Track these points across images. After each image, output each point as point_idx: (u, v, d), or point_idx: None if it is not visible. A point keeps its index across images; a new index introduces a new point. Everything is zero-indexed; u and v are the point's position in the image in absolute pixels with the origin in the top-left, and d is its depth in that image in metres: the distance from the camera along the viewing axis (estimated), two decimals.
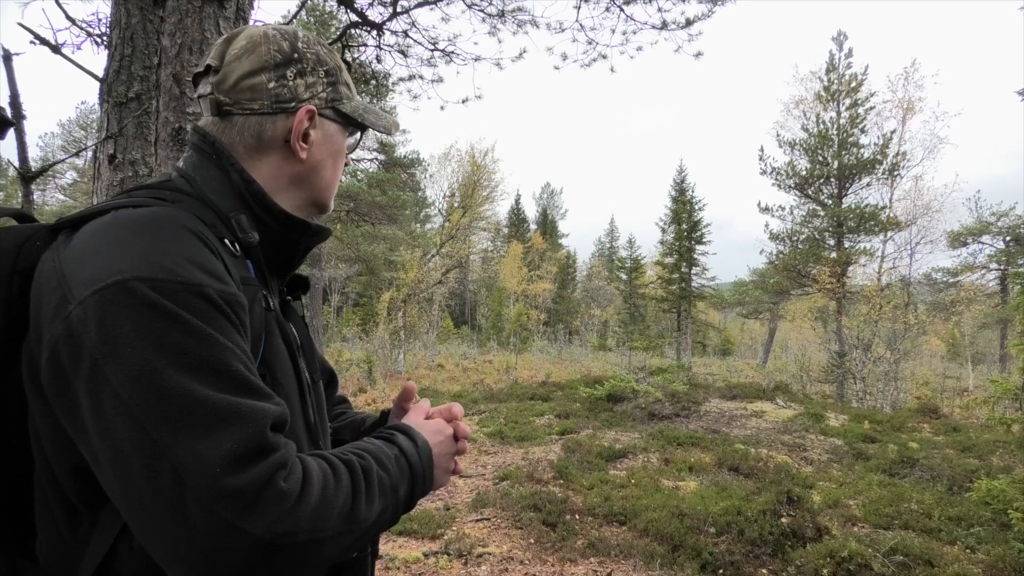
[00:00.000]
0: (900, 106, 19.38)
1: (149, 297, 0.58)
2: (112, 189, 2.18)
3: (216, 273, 0.65)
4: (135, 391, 0.56)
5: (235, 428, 0.58)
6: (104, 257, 0.61)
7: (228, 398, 0.59)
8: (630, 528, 4.63)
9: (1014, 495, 4.52)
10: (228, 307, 0.64)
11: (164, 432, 0.56)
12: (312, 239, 0.85)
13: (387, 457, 0.75)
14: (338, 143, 0.87)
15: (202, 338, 0.60)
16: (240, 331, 0.65)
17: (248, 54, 0.78)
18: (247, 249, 0.76)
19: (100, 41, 3.38)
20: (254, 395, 0.62)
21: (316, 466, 0.65)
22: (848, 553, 3.86)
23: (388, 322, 18.89)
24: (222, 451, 0.56)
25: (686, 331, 23.37)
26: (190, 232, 0.66)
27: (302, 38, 0.82)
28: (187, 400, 0.57)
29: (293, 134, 0.80)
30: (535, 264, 39.59)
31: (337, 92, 0.84)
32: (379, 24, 5.07)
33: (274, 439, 0.61)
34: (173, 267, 0.61)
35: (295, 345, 0.82)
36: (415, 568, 3.93)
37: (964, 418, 11.38)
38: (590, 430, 8.41)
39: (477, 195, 29.01)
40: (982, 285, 24.98)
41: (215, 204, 0.76)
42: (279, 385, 0.75)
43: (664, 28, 5.10)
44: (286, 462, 0.61)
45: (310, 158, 0.82)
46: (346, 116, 0.86)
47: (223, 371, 0.60)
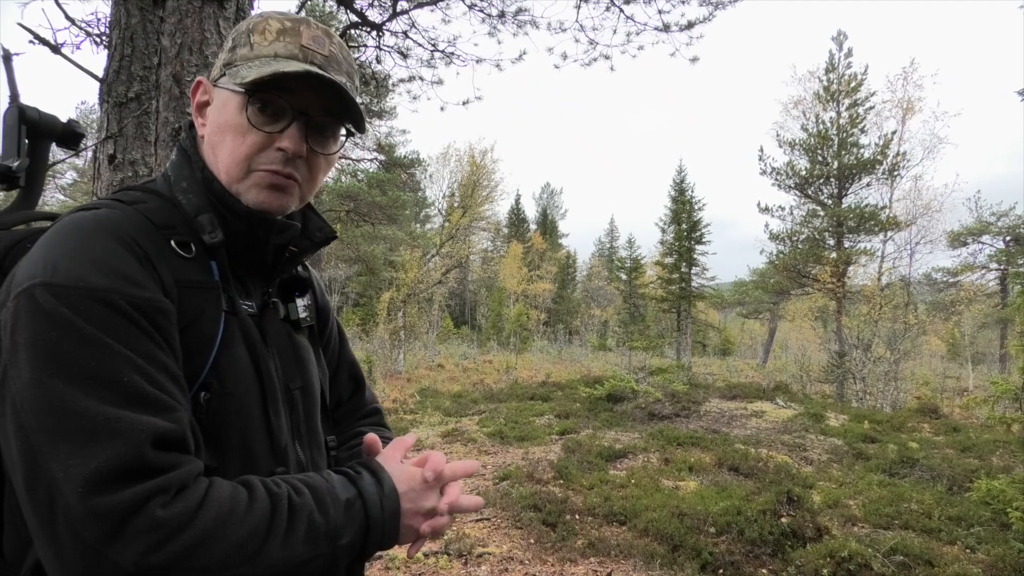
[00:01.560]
0: (900, 106, 19.39)
1: (47, 304, 0.58)
2: (112, 189, 2.18)
3: (130, 278, 0.63)
4: (24, 399, 0.56)
5: (107, 445, 0.55)
6: (32, 261, 0.62)
7: (108, 412, 0.56)
8: (630, 528, 4.63)
9: (1014, 495, 4.52)
10: (138, 313, 0.62)
11: (44, 444, 0.55)
12: (280, 236, 0.79)
13: (334, 499, 0.67)
14: (227, 113, 0.75)
15: (95, 347, 0.58)
16: (155, 338, 0.62)
17: None
18: (211, 249, 0.74)
19: (100, 41, 3.38)
20: (144, 408, 0.58)
21: (226, 494, 0.60)
22: (848, 553, 3.86)
23: (388, 322, 18.89)
24: (89, 468, 0.54)
25: (686, 331, 23.37)
26: (115, 236, 0.65)
27: (237, 28, 0.80)
28: (65, 412, 0.55)
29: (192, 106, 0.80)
30: (535, 264, 39.59)
31: (232, 56, 0.76)
32: (379, 25, 5.07)
33: (156, 459, 0.57)
34: (78, 272, 0.60)
35: (263, 350, 0.77)
36: (415, 568, 3.93)
37: (964, 418, 11.38)
38: (590, 430, 8.41)
39: (477, 195, 29.03)
40: (982, 285, 25.01)
41: (182, 204, 0.75)
42: (228, 395, 0.70)
43: (665, 30, 5.10)
44: (169, 487, 0.56)
45: (207, 131, 0.78)
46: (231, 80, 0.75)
47: (111, 382, 0.57)
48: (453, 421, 9.28)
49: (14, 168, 0.83)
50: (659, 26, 5.09)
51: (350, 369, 1.07)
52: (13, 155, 0.84)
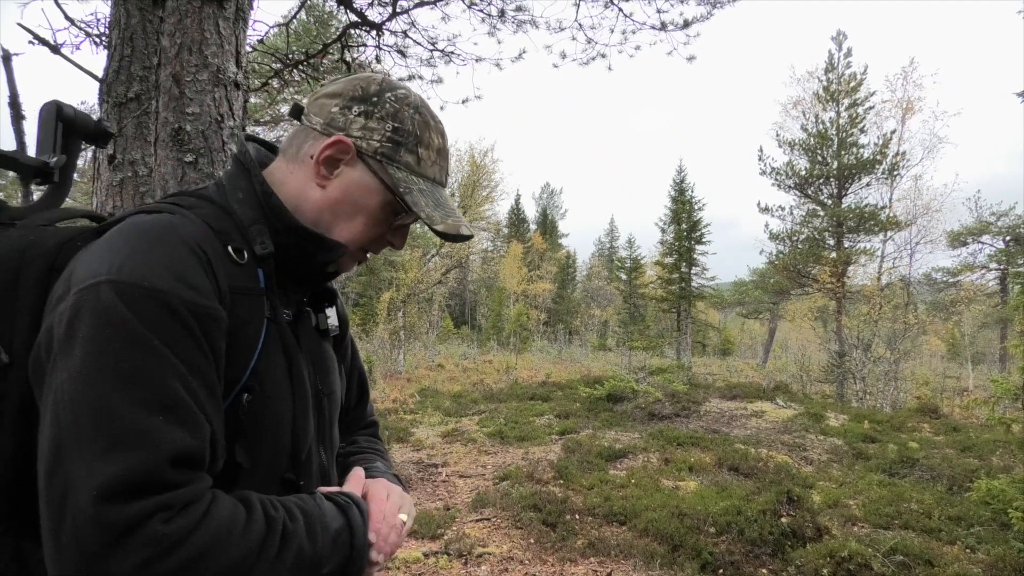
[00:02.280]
0: (899, 106, 19.40)
1: (108, 301, 0.60)
2: (111, 189, 2.18)
3: (191, 282, 0.65)
4: (65, 391, 0.58)
5: (131, 454, 0.56)
6: (97, 260, 0.64)
7: (139, 419, 0.58)
8: (630, 528, 4.63)
9: (1014, 495, 4.52)
10: (193, 319, 0.64)
11: (72, 438, 0.56)
12: (328, 254, 0.82)
13: (323, 528, 0.70)
14: (367, 199, 0.80)
15: (143, 349, 0.60)
16: (202, 346, 0.65)
17: (344, 81, 0.83)
18: (261, 259, 0.77)
19: (99, 41, 3.38)
20: (174, 419, 0.60)
21: (226, 513, 0.62)
22: (848, 553, 3.87)
23: (388, 322, 18.88)
24: (107, 475, 0.55)
25: (686, 331, 23.36)
26: (181, 241, 0.68)
27: (400, 97, 0.82)
28: (100, 412, 0.57)
29: (317, 153, 0.79)
30: (535, 264, 39.58)
31: (395, 152, 0.80)
32: (378, 24, 5.06)
33: (171, 476, 0.58)
34: (143, 271, 0.62)
35: (300, 357, 0.81)
36: (415, 568, 3.93)
37: (964, 418, 11.38)
38: (590, 430, 8.41)
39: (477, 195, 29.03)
40: (982, 285, 25.00)
41: (236, 213, 0.78)
42: (267, 399, 0.74)
43: (663, 29, 5.10)
44: (174, 504, 0.58)
45: (329, 190, 0.80)
46: (389, 178, 0.80)
47: (151, 386, 0.59)
48: (453, 421, 9.28)
49: (52, 164, 0.84)
50: (657, 25, 5.09)
51: (359, 380, 1.11)
52: (49, 151, 0.85)
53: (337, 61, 5.53)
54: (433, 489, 5.82)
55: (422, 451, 7.31)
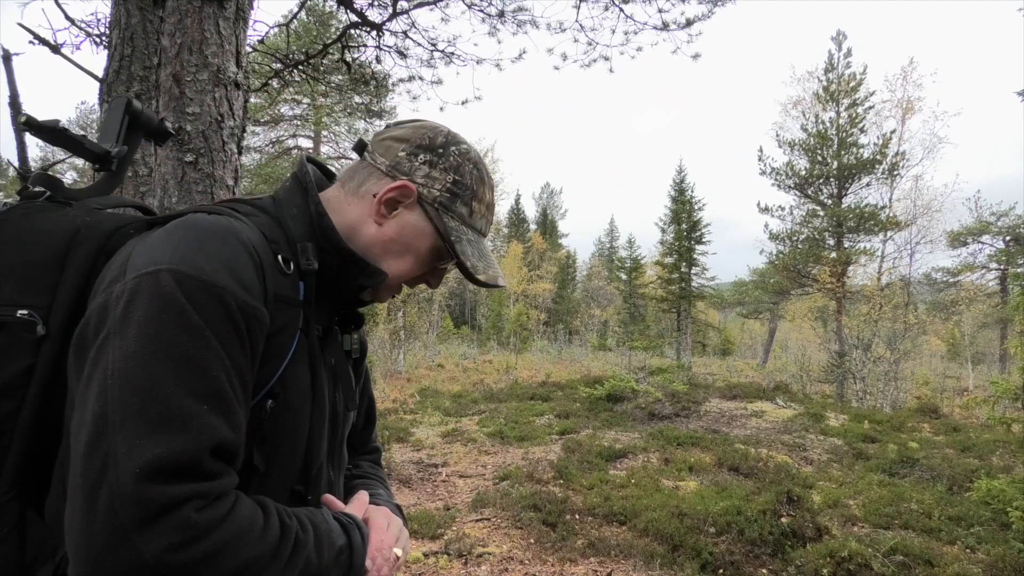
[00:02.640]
0: (899, 106, 19.40)
1: (167, 288, 0.62)
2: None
3: (245, 283, 0.68)
4: (118, 369, 0.59)
5: (176, 436, 0.58)
6: (156, 250, 0.67)
7: (188, 403, 0.59)
8: (630, 528, 4.63)
9: (1014, 495, 4.52)
10: (241, 317, 0.66)
11: (119, 415, 0.58)
12: (369, 279, 0.86)
13: (329, 544, 0.72)
14: (419, 241, 0.85)
15: (197, 338, 0.62)
16: (245, 346, 0.67)
17: (411, 128, 0.87)
18: (304, 274, 0.79)
19: (99, 41, 3.38)
20: (218, 409, 0.62)
21: (248, 513, 0.63)
22: (848, 553, 3.87)
23: (388, 322, 18.88)
24: (151, 455, 0.56)
25: (686, 331, 23.36)
26: (239, 242, 0.70)
27: (463, 152, 0.87)
28: (149, 392, 0.58)
29: (381, 192, 0.83)
30: (535, 264, 39.57)
31: (452, 203, 0.85)
32: (379, 24, 5.06)
33: (211, 465, 0.60)
34: (204, 266, 0.65)
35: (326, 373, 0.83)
36: (415, 568, 3.93)
37: (964, 418, 11.38)
38: (590, 430, 8.41)
39: None
40: (982, 285, 25.01)
41: (288, 227, 0.81)
42: (290, 408, 0.76)
43: (664, 29, 5.10)
44: (209, 494, 0.59)
45: (385, 228, 0.84)
46: (443, 225, 0.85)
47: (201, 374, 0.61)
48: (453, 421, 9.28)
49: (113, 153, 0.87)
50: (658, 25, 5.09)
51: (368, 405, 1.14)
52: (112, 141, 0.88)
53: (337, 61, 5.53)
54: (433, 489, 5.82)
55: (422, 451, 7.31)
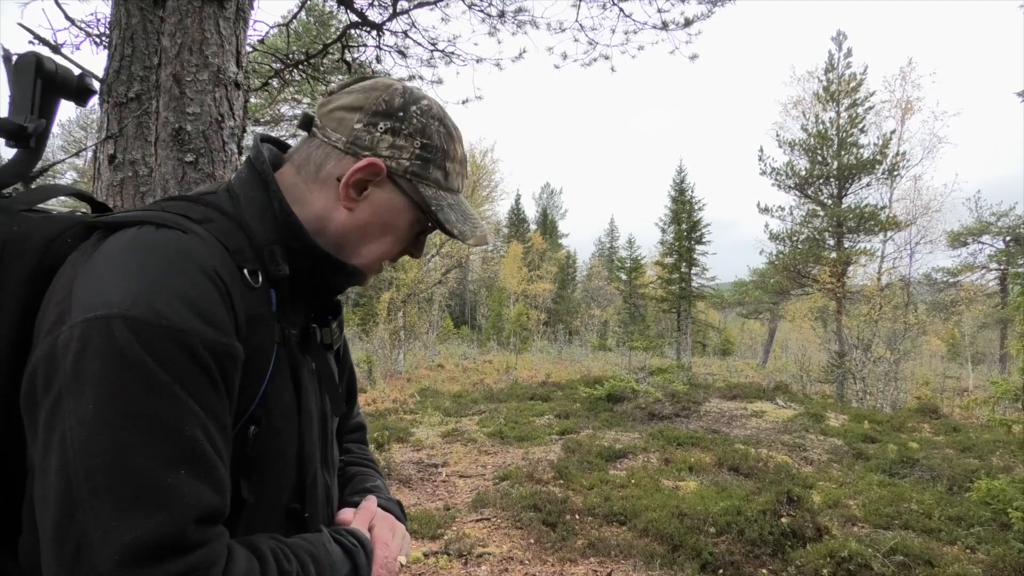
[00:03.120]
0: (899, 106, 19.41)
1: (123, 340, 0.55)
2: (112, 189, 2.18)
3: (211, 318, 0.61)
4: (78, 438, 0.53)
5: (155, 514, 0.53)
6: (106, 284, 0.59)
7: (163, 474, 0.54)
8: (630, 528, 4.63)
9: (1014, 495, 4.52)
10: (212, 359, 0.60)
11: (85, 494, 0.52)
12: (346, 280, 0.80)
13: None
14: (397, 219, 0.78)
15: (163, 396, 0.56)
16: (219, 388, 0.61)
17: (361, 92, 0.77)
18: (276, 281, 0.72)
19: (99, 41, 3.38)
20: (197, 472, 0.57)
21: (242, 570, 0.59)
22: (848, 553, 3.87)
23: (388, 322, 18.88)
24: (129, 537, 0.52)
25: (686, 331, 23.37)
26: (201, 269, 0.62)
27: (425, 109, 0.78)
28: (118, 467, 0.53)
29: (345, 176, 0.74)
30: (535, 264, 39.57)
31: (424, 170, 0.77)
32: (379, 24, 5.07)
33: (196, 535, 0.55)
34: (162, 308, 0.57)
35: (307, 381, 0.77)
36: (415, 568, 3.93)
37: (964, 418, 11.38)
38: (590, 430, 8.41)
39: (477, 195, 29.03)
40: (982, 285, 25.01)
41: (251, 230, 0.72)
42: (273, 430, 0.70)
43: (664, 28, 5.10)
44: (197, 567, 0.55)
45: (358, 213, 0.76)
46: (420, 198, 0.77)
47: (173, 437, 0.56)
48: (453, 421, 9.28)
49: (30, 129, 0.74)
50: (658, 24, 5.09)
51: (349, 379, 1.06)
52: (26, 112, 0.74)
53: (337, 61, 5.53)
54: (433, 489, 5.82)
55: (422, 451, 7.31)
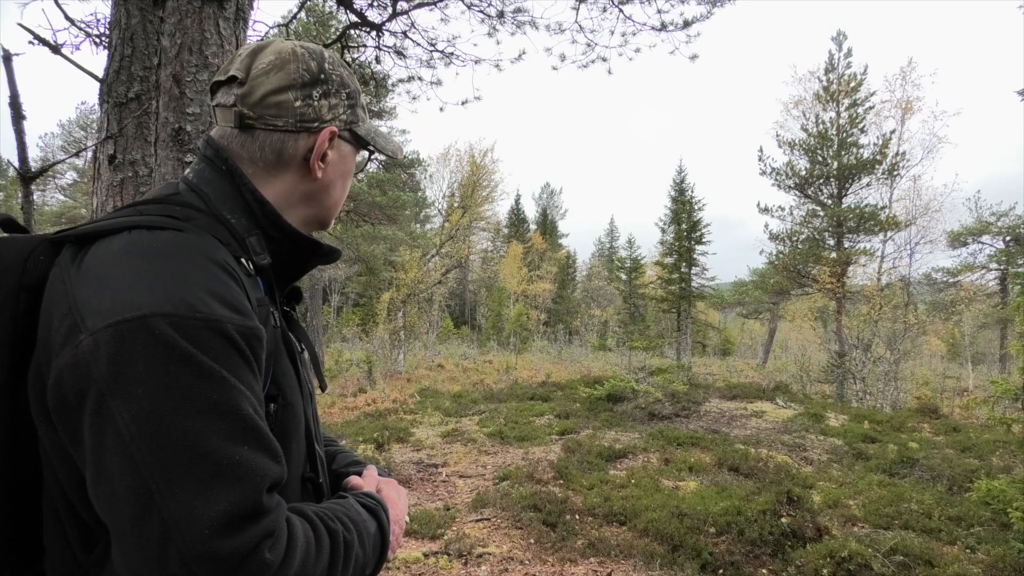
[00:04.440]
0: (899, 106, 19.42)
1: (166, 335, 0.57)
2: (112, 190, 2.18)
3: (237, 306, 0.64)
4: (138, 433, 0.55)
5: (232, 487, 0.56)
6: (123, 288, 0.60)
7: (232, 450, 0.57)
8: (630, 528, 4.63)
9: (1014, 495, 4.52)
10: (245, 343, 0.62)
11: (160, 481, 0.54)
12: (322, 259, 0.86)
13: (368, 535, 0.75)
14: (350, 164, 0.88)
15: (214, 381, 0.58)
16: (253, 369, 0.64)
17: (277, 70, 0.78)
18: (260, 269, 0.77)
19: (99, 41, 3.38)
20: (259, 445, 0.60)
21: (302, 533, 0.64)
22: (848, 553, 3.87)
23: (388, 322, 18.89)
24: (215, 511, 0.55)
25: (686, 331, 23.37)
26: (213, 262, 0.65)
27: (328, 58, 0.83)
28: (189, 451, 0.55)
29: (314, 154, 0.80)
30: (535, 264, 39.59)
31: (355, 115, 0.86)
32: (378, 25, 5.07)
33: (268, 502, 0.59)
34: (193, 302, 0.59)
35: (299, 359, 0.83)
36: (415, 568, 3.94)
37: (964, 418, 11.38)
38: (590, 430, 8.41)
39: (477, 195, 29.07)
40: (982, 285, 24.99)
41: (229, 222, 0.75)
42: (289, 405, 0.76)
43: (663, 29, 5.10)
44: (274, 529, 0.59)
45: (324, 177, 0.84)
46: (360, 138, 0.87)
47: (232, 416, 0.58)
48: (453, 421, 9.28)
49: None
50: (657, 25, 5.09)
51: None
52: None
53: None
54: (433, 489, 5.82)
55: (422, 451, 7.31)
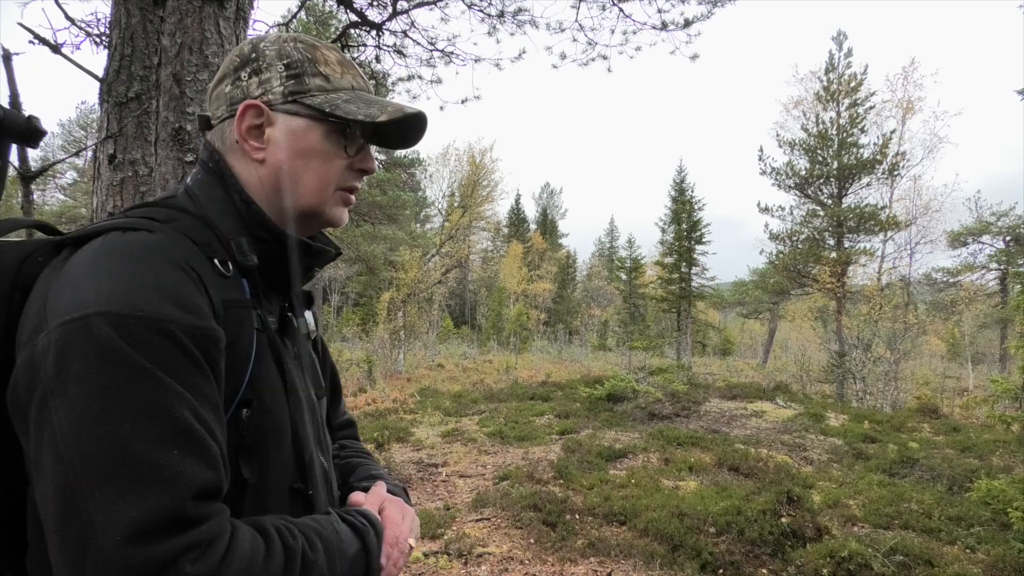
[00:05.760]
0: (899, 106, 19.43)
1: (102, 335, 0.57)
2: (112, 189, 2.18)
3: (190, 306, 0.63)
4: (69, 432, 0.55)
5: (153, 494, 0.54)
6: (79, 288, 0.60)
7: (157, 455, 0.55)
8: (630, 528, 4.63)
9: (1014, 495, 4.52)
10: (193, 344, 0.61)
11: (84, 483, 0.54)
12: (313, 260, 0.82)
13: (342, 555, 0.69)
14: (311, 140, 0.78)
15: (148, 382, 0.57)
16: (204, 370, 0.62)
17: (220, 69, 0.80)
18: (246, 271, 0.75)
19: (99, 41, 3.38)
20: (190, 452, 0.58)
21: (248, 548, 0.60)
22: (848, 553, 3.87)
23: (388, 322, 18.89)
24: (129, 518, 0.53)
25: (686, 331, 23.38)
26: (171, 261, 0.65)
27: (270, 38, 0.80)
28: (113, 453, 0.54)
29: (239, 132, 0.77)
30: (535, 264, 39.60)
31: (301, 84, 0.78)
32: (378, 24, 5.07)
33: (196, 511, 0.56)
34: (139, 301, 0.59)
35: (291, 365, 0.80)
36: (415, 568, 3.94)
37: (964, 418, 11.38)
38: (590, 430, 8.41)
39: (477, 195, 29.07)
40: (982, 285, 25.02)
41: (216, 225, 0.75)
42: (268, 412, 0.72)
43: (663, 29, 5.10)
44: (201, 542, 0.56)
45: (270, 159, 0.78)
46: (310, 108, 0.77)
47: (163, 419, 0.57)
48: (453, 421, 9.28)
49: None
50: (657, 25, 5.09)
51: (332, 376, 1.08)
52: None
53: None
54: (433, 489, 5.82)
55: (422, 451, 7.31)
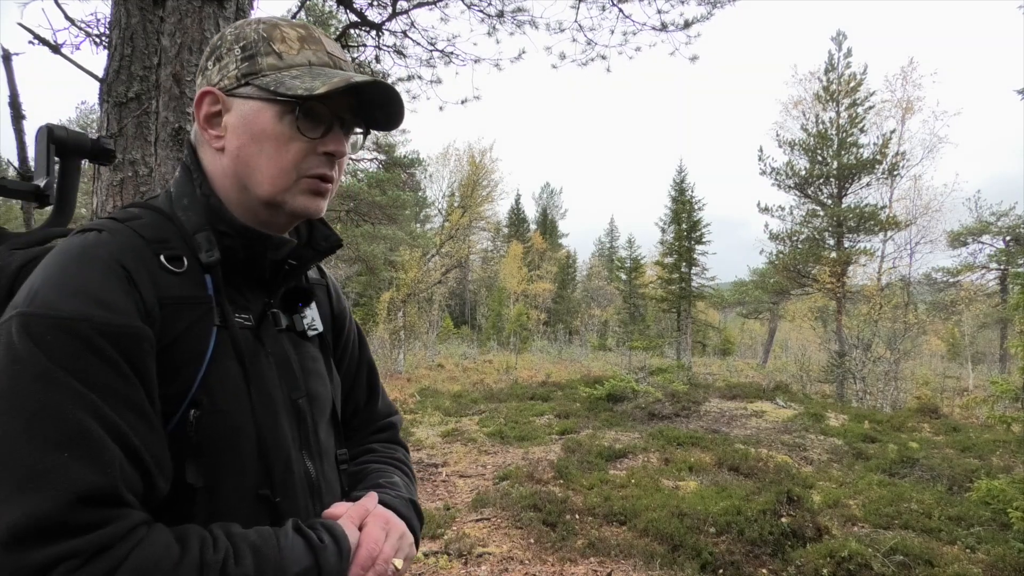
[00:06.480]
0: (899, 106, 19.41)
1: (16, 335, 0.59)
2: (112, 189, 2.18)
3: (108, 304, 0.62)
4: None
5: (32, 498, 0.53)
6: (23, 289, 0.64)
7: (45, 457, 0.54)
8: (630, 528, 4.63)
9: (1014, 495, 4.52)
10: (109, 343, 0.61)
11: None
12: (276, 252, 0.79)
13: (278, 572, 0.63)
14: (262, 123, 0.74)
15: (48, 383, 0.57)
16: (122, 369, 0.61)
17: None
18: (207, 267, 0.74)
19: (99, 41, 3.38)
20: (81, 454, 0.56)
21: (149, 559, 0.56)
22: (848, 553, 3.87)
23: (388, 322, 18.87)
24: (9, 520, 0.52)
25: (686, 331, 23.37)
26: (99, 260, 0.65)
27: (238, 26, 0.79)
28: (2, 453, 0.54)
29: (197, 122, 0.77)
30: (535, 264, 39.58)
31: (253, 66, 0.74)
32: (378, 24, 5.07)
33: (79, 517, 0.54)
34: (58, 301, 0.60)
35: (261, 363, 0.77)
36: (415, 568, 3.93)
37: (964, 418, 11.38)
38: (590, 430, 8.41)
39: (476, 195, 29.06)
40: (982, 285, 25.00)
41: (181, 221, 0.76)
42: (219, 412, 0.69)
43: (663, 30, 5.10)
44: (83, 551, 0.53)
45: (228, 146, 0.75)
46: (258, 90, 0.74)
47: (57, 421, 0.56)
48: (453, 421, 9.28)
49: (42, 187, 0.87)
50: (657, 26, 5.09)
51: (368, 375, 1.04)
52: (43, 174, 0.87)
53: None
54: (433, 489, 5.82)
55: (422, 451, 7.31)
